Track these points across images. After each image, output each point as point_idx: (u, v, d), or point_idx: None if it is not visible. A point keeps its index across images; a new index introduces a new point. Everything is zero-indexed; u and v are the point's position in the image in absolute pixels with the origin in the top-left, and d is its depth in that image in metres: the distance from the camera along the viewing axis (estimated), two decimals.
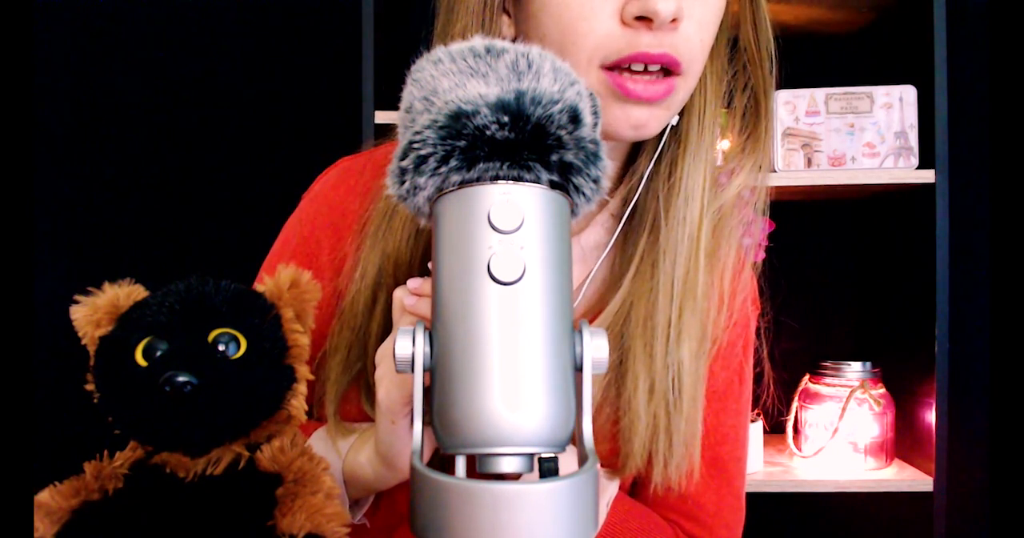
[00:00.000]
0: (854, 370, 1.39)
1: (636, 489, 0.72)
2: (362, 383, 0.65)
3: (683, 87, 0.59)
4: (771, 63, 0.65)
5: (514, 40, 0.62)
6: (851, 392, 1.36)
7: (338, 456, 0.62)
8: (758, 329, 0.76)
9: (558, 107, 0.41)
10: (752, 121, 0.67)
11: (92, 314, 0.49)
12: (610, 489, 0.65)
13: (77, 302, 0.49)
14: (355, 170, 0.73)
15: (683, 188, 0.64)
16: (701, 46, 0.59)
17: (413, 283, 0.54)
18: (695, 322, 0.64)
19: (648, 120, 0.59)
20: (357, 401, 0.65)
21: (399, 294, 0.55)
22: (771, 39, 0.65)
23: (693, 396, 0.64)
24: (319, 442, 0.63)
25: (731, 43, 0.66)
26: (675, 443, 0.63)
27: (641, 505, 0.69)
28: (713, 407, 0.69)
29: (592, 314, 0.67)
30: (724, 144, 1.51)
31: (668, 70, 0.58)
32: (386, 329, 0.62)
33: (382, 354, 0.55)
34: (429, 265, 0.55)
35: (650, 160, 0.66)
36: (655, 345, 0.63)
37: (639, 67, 0.57)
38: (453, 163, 0.40)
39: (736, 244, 0.68)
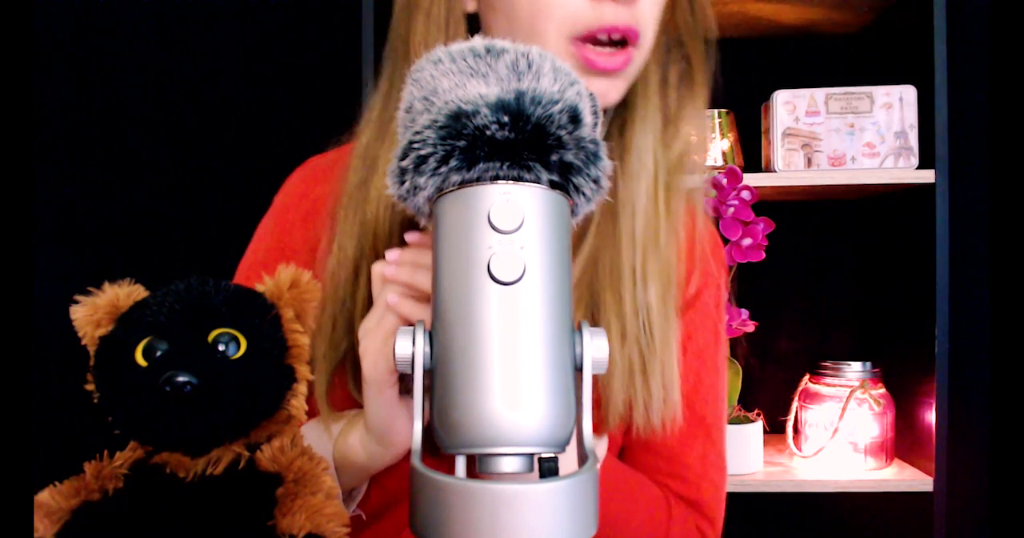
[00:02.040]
0: (854, 370, 1.39)
1: (623, 457, 0.74)
2: (348, 367, 0.65)
3: (638, 58, 0.65)
4: (705, 37, 0.71)
5: (475, 14, 0.66)
6: (851, 392, 1.36)
7: (329, 438, 0.62)
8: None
9: (558, 107, 0.41)
10: (687, 84, 0.72)
11: (92, 314, 0.49)
12: (599, 448, 0.67)
13: (77, 302, 0.49)
14: (323, 165, 0.76)
15: (635, 146, 0.69)
16: (654, 19, 0.64)
17: (391, 254, 0.56)
18: (658, 267, 0.68)
19: (609, 90, 0.64)
20: (343, 388, 0.65)
21: (377, 268, 0.57)
22: (708, 14, 0.71)
23: (665, 339, 0.67)
24: (309, 431, 0.64)
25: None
26: (652, 385, 0.66)
27: (629, 467, 0.71)
28: (693, 367, 0.72)
29: None
30: (723, 144, 1.51)
31: (626, 42, 0.63)
32: (370, 302, 0.63)
33: (366, 328, 0.56)
34: (406, 236, 0.57)
35: (605, 123, 0.71)
36: (623, 292, 0.66)
37: (603, 38, 0.62)
38: (453, 163, 0.40)
39: (686, 198, 0.73)
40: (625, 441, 0.72)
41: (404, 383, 0.57)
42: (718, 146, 1.44)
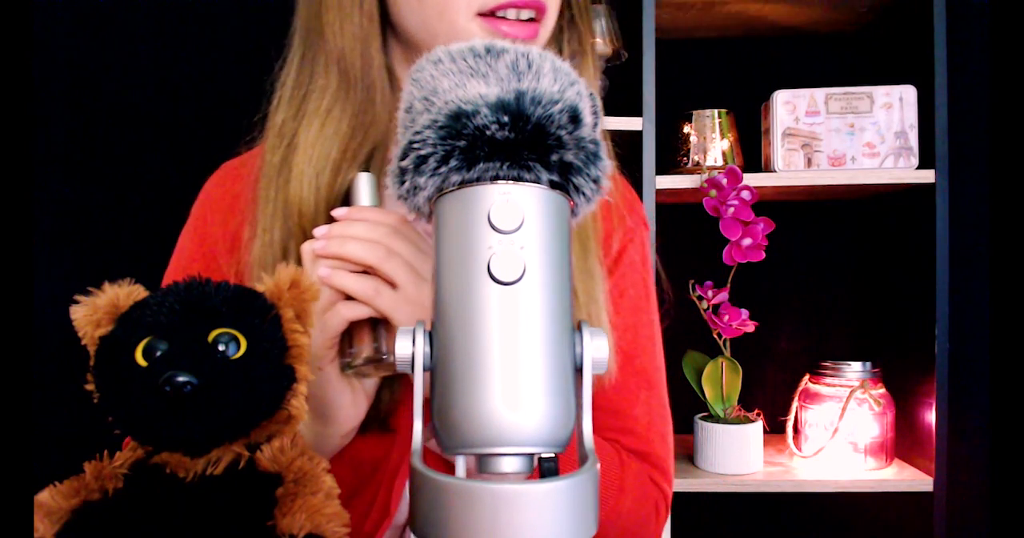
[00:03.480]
0: (854, 370, 1.39)
1: None
2: None
3: (544, 30, 0.69)
4: (591, 14, 0.78)
5: None
6: (851, 392, 1.36)
7: None
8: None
9: (558, 107, 0.41)
10: (580, 61, 0.77)
11: (92, 314, 0.49)
12: None
13: (77, 302, 0.49)
14: (236, 165, 0.78)
15: None
16: None
17: (319, 231, 0.57)
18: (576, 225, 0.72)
19: None
20: None
21: (307, 246, 0.58)
22: None
23: (591, 293, 0.69)
24: None
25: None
26: None
27: None
28: (630, 322, 0.75)
29: None
30: (723, 144, 1.51)
31: (532, 18, 0.66)
32: None
33: None
34: (334, 212, 0.58)
35: None
36: None
37: (512, 13, 0.66)
38: (453, 163, 0.40)
39: None
40: None
41: (343, 358, 0.57)
42: (718, 146, 1.44)
